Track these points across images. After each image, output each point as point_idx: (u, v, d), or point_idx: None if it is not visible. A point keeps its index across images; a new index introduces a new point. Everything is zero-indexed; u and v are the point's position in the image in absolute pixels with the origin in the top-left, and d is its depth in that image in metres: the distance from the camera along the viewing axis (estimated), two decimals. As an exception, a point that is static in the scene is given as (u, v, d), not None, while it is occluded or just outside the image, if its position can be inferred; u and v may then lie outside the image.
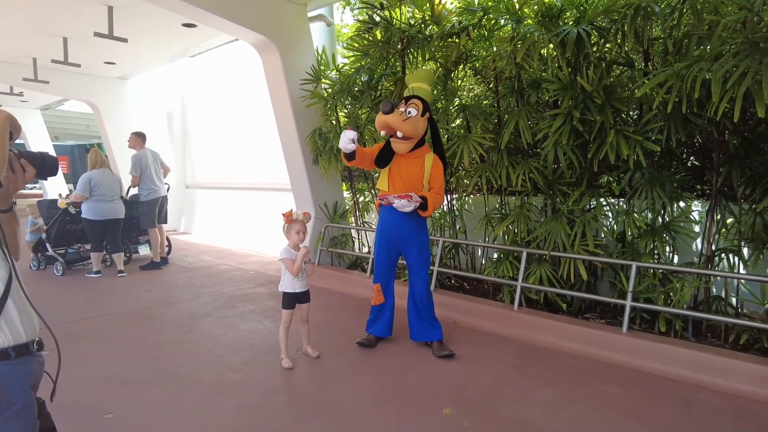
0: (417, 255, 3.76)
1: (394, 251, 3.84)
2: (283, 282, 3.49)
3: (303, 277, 3.50)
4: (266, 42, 5.56)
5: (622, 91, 3.94)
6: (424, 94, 3.68)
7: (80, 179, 6.21)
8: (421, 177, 3.67)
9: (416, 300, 3.78)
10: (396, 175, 3.68)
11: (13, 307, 1.43)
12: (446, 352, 3.66)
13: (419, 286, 3.76)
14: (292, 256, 3.42)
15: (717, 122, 3.55)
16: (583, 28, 3.66)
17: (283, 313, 3.50)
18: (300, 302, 3.54)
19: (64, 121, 18.83)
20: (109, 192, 6.28)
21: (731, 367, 3.15)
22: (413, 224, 3.73)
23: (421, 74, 3.83)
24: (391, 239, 3.78)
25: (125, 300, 5.24)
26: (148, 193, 6.79)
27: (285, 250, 3.44)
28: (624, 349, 3.57)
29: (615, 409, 2.88)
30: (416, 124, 3.54)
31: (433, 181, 3.70)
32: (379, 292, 3.83)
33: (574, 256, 4.02)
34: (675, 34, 3.56)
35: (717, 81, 2.86)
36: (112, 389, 3.12)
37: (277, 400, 3.00)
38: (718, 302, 3.79)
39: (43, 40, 7.27)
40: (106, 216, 6.25)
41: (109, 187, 6.29)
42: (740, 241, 3.65)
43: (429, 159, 3.69)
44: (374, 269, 3.92)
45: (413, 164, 3.67)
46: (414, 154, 3.67)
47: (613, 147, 3.66)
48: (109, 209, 6.29)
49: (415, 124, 3.54)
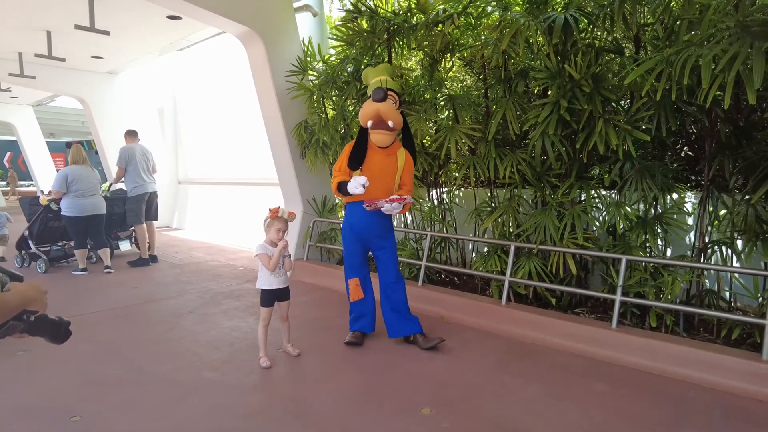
0: (389, 252, 3.68)
1: (365, 247, 3.76)
2: (260, 279, 3.38)
3: (281, 273, 3.39)
4: (250, 33, 5.43)
5: (611, 78, 3.82)
6: (394, 86, 3.55)
7: (56, 175, 6.15)
8: (393, 174, 3.57)
9: (389, 296, 3.70)
10: (368, 173, 3.49)
11: None
12: (434, 342, 3.58)
13: (393, 283, 3.68)
14: (268, 251, 3.31)
15: (708, 110, 3.43)
16: (571, 13, 3.54)
17: (262, 311, 3.40)
18: (279, 300, 3.43)
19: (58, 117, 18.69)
20: (88, 187, 6.18)
21: (722, 363, 3.04)
22: (384, 223, 3.66)
23: (382, 68, 3.69)
24: (362, 236, 3.69)
25: (109, 298, 5.15)
26: (134, 188, 6.68)
27: (261, 245, 3.33)
28: (613, 345, 3.47)
29: (600, 407, 2.78)
30: (399, 115, 3.51)
31: (406, 179, 3.63)
32: (357, 287, 3.74)
33: (564, 249, 3.92)
34: (665, 19, 3.43)
35: (706, 66, 2.74)
36: (83, 390, 3.03)
37: (253, 400, 2.90)
38: (710, 296, 3.69)
39: (27, 34, 7.14)
40: (86, 212, 6.15)
41: (88, 182, 6.18)
42: (733, 233, 3.55)
43: (401, 155, 3.59)
44: (346, 265, 3.82)
45: (387, 161, 3.54)
46: (389, 150, 3.56)
47: (602, 137, 3.55)
48: (89, 205, 6.18)
49: (399, 116, 3.51)
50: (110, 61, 9.07)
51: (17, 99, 12.72)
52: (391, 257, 3.71)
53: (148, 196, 6.82)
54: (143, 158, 6.75)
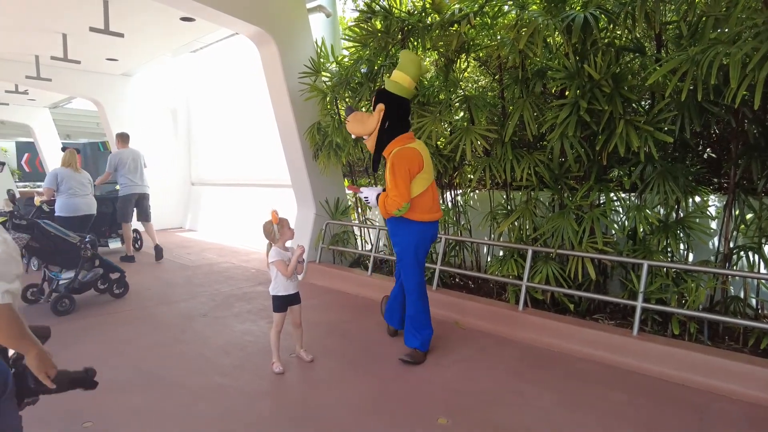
0: (397, 257, 3.56)
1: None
2: (275, 285, 3.33)
3: (294, 278, 3.35)
4: (263, 34, 5.40)
5: (632, 79, 3.71)
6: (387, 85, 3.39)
7: (48, 174, 6.41)
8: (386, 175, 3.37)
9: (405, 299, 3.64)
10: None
11: None
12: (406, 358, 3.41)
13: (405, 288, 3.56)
14: (285, 258, 3.27)
15: (735, 110, 3.31)
16: (591, 12, 3.44)
17: (276, 316, 3.35)
18: (291, 304, 3.38)
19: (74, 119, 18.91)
20: (80, 187, 6.43)
21: (750, 374, 2.92)
22: (389, 225, 3.53)
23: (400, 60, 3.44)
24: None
25: (119, 300, 5.14)
26: (124, 188, 7.03)
27: (276, 251, 3.29)
28: (633, 352, 3.36)
29: (619, 417, 2.68)
30: (360, 119, 3.45)
31: (387, 179, 3.33)
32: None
33: (582, 254, 3.81)
34: (689, 16, 3.32)
35: (735, 65, 2.63)
36: (94, 395, 2.97)
37: (263, 406, 2.85)
38: (736, 303, 3.56)
39: (43, 36, 7.20)
40: (79, 212, 6.37)
41: (79, 182, 6.43)
42: (761, 238, 3.41)
43: (389, 156, 3.36)
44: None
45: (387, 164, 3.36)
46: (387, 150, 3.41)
47: (622, 138, 3.44)
48: (83, 205, 6.42)
49: (357, 121, 3.46)
50: (124, 63, 9.12)
51: (35, 101, 12.87)
52: (399, 264, 3.57)
53: (137, 197, 7.14)
54: (133, 161, 7.06)
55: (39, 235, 4.75)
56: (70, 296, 4.73)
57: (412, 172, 3.24)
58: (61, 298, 4.64)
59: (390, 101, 3.34)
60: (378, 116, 3.34)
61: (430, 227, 3.43)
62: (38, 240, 4.74)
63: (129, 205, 7.08)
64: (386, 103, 3.34)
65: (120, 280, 5.29)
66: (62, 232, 4.95)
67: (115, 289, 5.24)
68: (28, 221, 4.80)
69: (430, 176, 3.40)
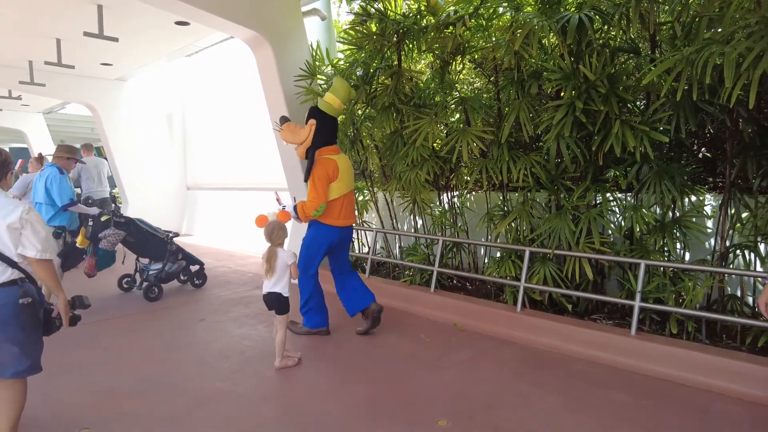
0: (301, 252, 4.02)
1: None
2: (287, 286, 3.38)
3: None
4: (259, 38, 5.39)
5: (627, 79, 3.73)
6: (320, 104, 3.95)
7: (18, 180, 6.53)
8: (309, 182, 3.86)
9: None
10: None
11: None
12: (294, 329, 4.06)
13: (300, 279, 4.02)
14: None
15: (730, 110, 3.33)
16: (585, 13, 3.46)
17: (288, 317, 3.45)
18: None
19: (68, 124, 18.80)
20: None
21: (749, 372, 2.94)
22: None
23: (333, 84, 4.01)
24: None
25: (118, 304, 5.11)
26: (86, 194, 7.47)
27: (290, 254, 3.38)
28: (632, 352, 3.37)
29: (623, 419, 2.69)
30: (293, 130, 3.94)
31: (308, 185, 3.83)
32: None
33: (580, 254, 3.82)
34: (683, 17, 3.34)
35: (730, 65, 2.65)
36: (92, 401, 2.98)
37: (264, 411, 2.84)
38: (733, 302, 3.57)
39: (37, 41, 7.16)
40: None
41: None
42: (756, 236, 3.43)
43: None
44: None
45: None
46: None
47: (618, 138, 3.46)
48: None
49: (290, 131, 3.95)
50: (119, 68, 9.09)
51: (28, 107, 12.81)
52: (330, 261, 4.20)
53: (99, 201, 7.42)
54: (96, 168, 7.64)
55: (134, 231, 5.31)
56: (159, 285, 5.31)
57: (329, 180, 3.75)
58: (151, 286, 5.23)
59: (321, 118, 3.87)
60: (309, 129, 3.85)
61: (337, 232, 3.94)
62: (133, 235, 5.30)
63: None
64: (317, 119, 3.87)
65: (200, 272, 5.85)
66: (152, 228, 5.52)
67: (196, 279, 5.81)
68: (125, 219, 5.29)
69: (346, 187, 3.88)
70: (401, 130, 4.92)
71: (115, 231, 5.10)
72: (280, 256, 3.34)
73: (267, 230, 3.38)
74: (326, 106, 3.90)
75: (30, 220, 2.24)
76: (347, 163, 3.94)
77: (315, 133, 3.83)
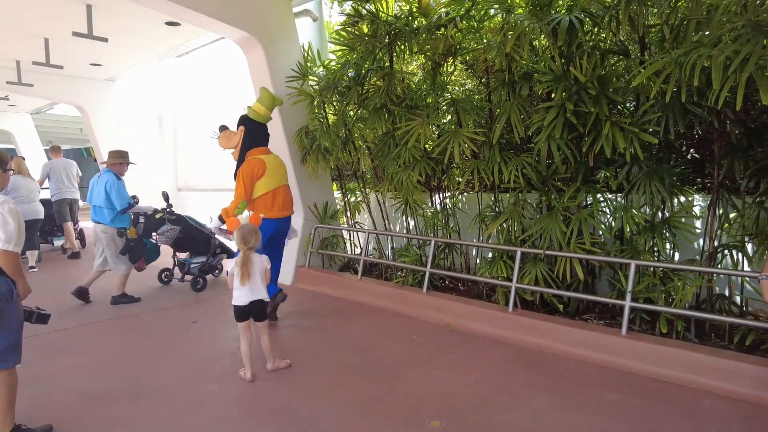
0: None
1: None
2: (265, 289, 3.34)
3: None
4: (250, 38, 5.38)
5: (617, 81, 3.76)
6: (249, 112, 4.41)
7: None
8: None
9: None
10: None
11: None
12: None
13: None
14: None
15: (718, 112, 3.37)
16: (576, 15, 3.49)
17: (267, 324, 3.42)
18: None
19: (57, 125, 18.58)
20: (28, 194, 6.79)
21: (737, 370, 2.97)
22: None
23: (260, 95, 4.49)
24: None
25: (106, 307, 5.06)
26: (56, 194, 7.93)
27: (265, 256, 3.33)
28: (623, 351, 3.39)
29: (614, 418, 2.71)
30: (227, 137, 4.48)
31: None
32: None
33: (571, 254, 3.85)
34: (672, 19, 3.38)
35: (717, 67, 2.68)
36: (82, 405, 2.95)
37: (255, 413, 2.83)
38: (721, 301, 3.62)
39: (25, 41, 7.09)
40: (27, 217, 6.57)
41: (27, 189, 6.81)
42: (744, 236, 3.48)
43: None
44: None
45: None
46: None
47: (608, 140, 3.49)
48: (30, 210, 6.72)
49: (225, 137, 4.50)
50: (109, 68, 9.02)
51: (15, 107, 12.65)
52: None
53: (69, 201, 8.03)
54: (64, 170, 7.96)
55: (185, 227, 5.74)
56: (204, 276, 5.76)
57: (254, 176, 4.19)
58: (196, 278, 5.70)
59: (249, 125, 4.37)
60: (239, 135, 4.37)
61: (275, 222, 4.38)
62: (183, 231, 5.71)
63: (64, 207, 8.00)
64: (246, 126, 4.36)
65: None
66: (200, 224, 6.01)
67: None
68: (177, 216, 5.69)
69: (276, 182, 4.31)
70: (393, 131, 4.93)
71: (171, 227, 5.55)
72: (255, 261, 3.25)
73: (241, 234, 3.22)
74: (254, 114, 4.38)
75: (2, 212, 2.36)
76: (277, 161, 4.37)
77: (244, 138, 4.33)
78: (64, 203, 8.02)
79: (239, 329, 3.28)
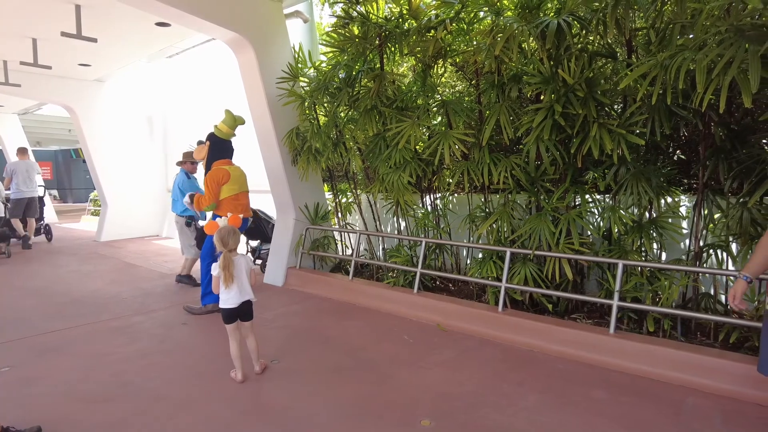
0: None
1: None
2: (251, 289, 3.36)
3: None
4: (240, 40, 5.38)
5: (604, 83, 3.82)
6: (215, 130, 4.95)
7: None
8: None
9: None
10: None
11: None
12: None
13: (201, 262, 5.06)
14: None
15: (702, 114, 3.43)
16: (564, 18, 3.53)
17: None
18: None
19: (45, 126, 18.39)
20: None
21: (721, 368, 3.03)
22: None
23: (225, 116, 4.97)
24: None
25: (96, 309, 5.03)
26: (16, 193, 8.76)
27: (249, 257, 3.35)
28: (611, 350, 3.44)
29: (602, 415, 2.75)
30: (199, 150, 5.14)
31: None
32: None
33: (560, 254, 3.89)
34: (657, 23, 3.44)
35: (701, 71, 2.74)
36: (70, 407, 2.93)
37: (247, 414, 2.83)
38: (707, 300, 3.68)
39: (12, 41, 7.01)
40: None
41: None
42: (728, 236, 3.54)
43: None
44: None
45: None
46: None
47: (596, 141, 3.53)
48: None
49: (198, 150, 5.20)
50: (98, 69, 8.95)
51: (2, 108, 12.51)
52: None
53: (26, 200, 8.87)
54: (26, 172, 8.78)
55: (256, 219, 6.29)
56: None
57: (219, 182, 4.74)
58: (264, 262, 6.43)
59: (214, 140, 4.94)
60: (206, 148, 4.98)
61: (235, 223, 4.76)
62: (255, 222, 6.34)
63: (19, 206, 8.84)
64: (212, 141, 4.95)
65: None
66: (267, 216, 6.72)
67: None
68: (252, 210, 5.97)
69: (238, 188, 4.83)
70: (384, 132, 4.95)
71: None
72: (237, 262, 3.23)
73: (220, 236, 3.19)
74: (218, 131, 4.95)
75: None
76: (238, 171, 4.93)
77: (209, 151, 4.95)
78: (20, 203, 8.88)
79: (228, 331, 3.27)
